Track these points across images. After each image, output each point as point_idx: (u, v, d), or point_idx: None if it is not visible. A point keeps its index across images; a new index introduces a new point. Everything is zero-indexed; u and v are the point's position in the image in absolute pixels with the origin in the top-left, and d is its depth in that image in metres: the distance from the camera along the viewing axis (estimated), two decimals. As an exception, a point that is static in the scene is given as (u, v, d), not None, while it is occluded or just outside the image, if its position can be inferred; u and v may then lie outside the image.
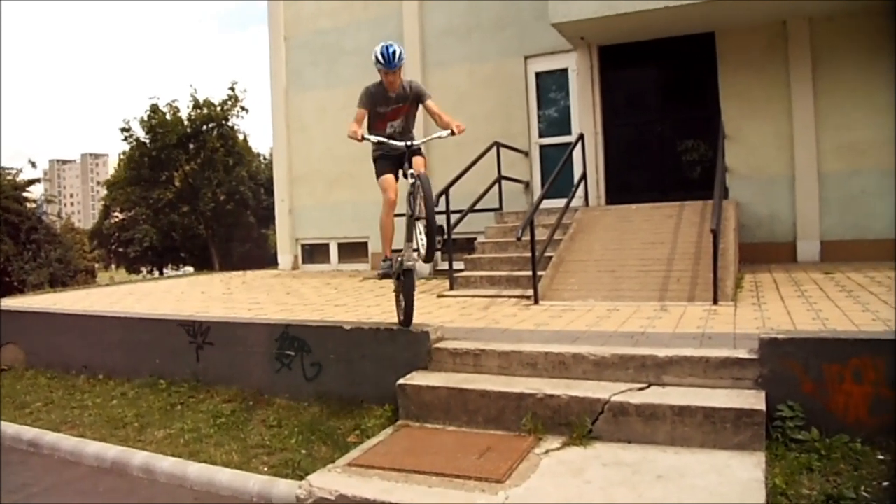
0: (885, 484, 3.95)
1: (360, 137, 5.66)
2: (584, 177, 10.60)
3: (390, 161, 5.96)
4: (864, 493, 3.82)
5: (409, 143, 5.81)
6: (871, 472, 4.08)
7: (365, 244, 13.38)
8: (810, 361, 4.46)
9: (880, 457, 4.22)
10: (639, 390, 4.66)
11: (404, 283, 5.87)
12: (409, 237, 5.87)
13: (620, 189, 10.98)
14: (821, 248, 10.02)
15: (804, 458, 4.20)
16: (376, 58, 5.68)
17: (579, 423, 4.57)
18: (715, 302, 6.77)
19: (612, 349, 4.99)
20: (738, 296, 7.15)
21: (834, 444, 4.31)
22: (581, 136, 10.61)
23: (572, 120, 11.58)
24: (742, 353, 4.67)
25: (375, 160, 6.06)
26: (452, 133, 5.80)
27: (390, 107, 5.90)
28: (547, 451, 4.47)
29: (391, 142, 5.79)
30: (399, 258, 5.96)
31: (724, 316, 6.17)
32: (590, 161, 10.94)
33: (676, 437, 4.39)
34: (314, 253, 14.29)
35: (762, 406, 4.32)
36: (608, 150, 11.18)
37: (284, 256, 14.43)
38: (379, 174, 6.02)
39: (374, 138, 5.77)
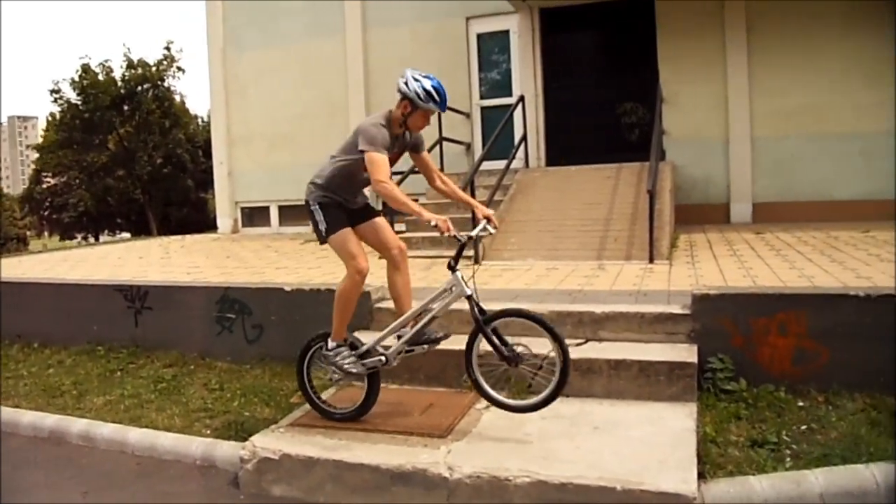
0: (804, 428, 4.19)
1: (449, 231, 4.07)
2: (524, 138, 10.69)
3: (345, 213, 4.48)
4: (785, 437, 4.05)
5: (483, 228, 4.38)
6: (792, 418, 4.32)
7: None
8: (739, 316, 4.66)
9: (801, 404, 4.47)
10: (577, 346, 4.79)
11: (371, 384, 4.49)
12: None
13: (561, 151, 11.11)
14: (753, 210, 10.35)
15: (733, 408, 4.41)
16: (427, 93, 4.27)
17: (519, 379, 4.68)
18: (651, 260, 6.96)
19: (550, 306, 5.10)
20: (674, 255, 7.36)
21: (760, 393, 4.55)
22: (522, 98, 10.66)
23: (513, 82, 11.63)
24: (676, 309, 4.84)
25: (323, 205, 4.43)
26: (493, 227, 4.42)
27: (388, 153, 4.31)
28: (488, 406, 4.55)
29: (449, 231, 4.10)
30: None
31: (659, 274, 6.35)
32: (530, 123, 11.03)
33: (613, 390, 4.54)
34: (254, 216, 14.09)
35: (694, 359, 4.50)
36: (548, 113, 11.29)
37: (224, 220, 14.22)
38: (334, 227, 4.41)
39: (471, 234, 4.35)
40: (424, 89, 4.29)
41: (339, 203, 4.46)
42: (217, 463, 4.47)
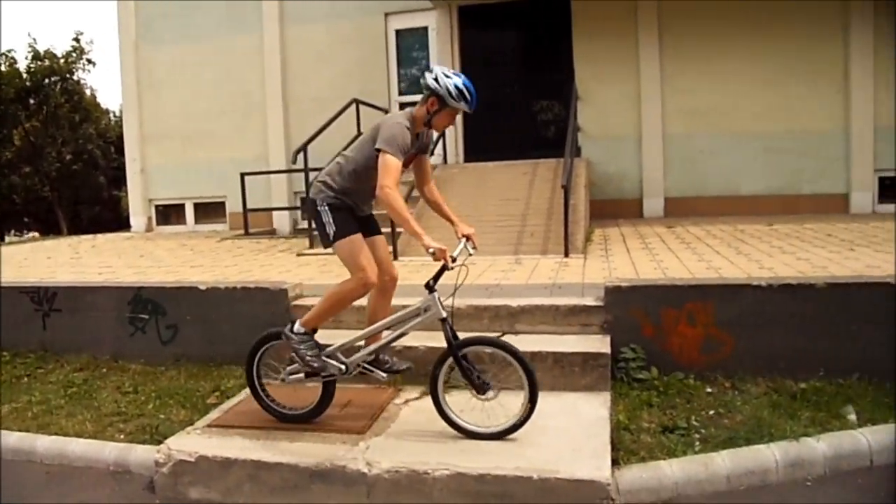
0: (712, 413, 4.39)
1: (446, 261, 4.02)
2: (442, 135, 10.74)
3: (354, 219, 4.24)
4: (694, 423, 4.23)
5: (463, 248, 4.34)
6: (701, 404, 4.52)
7: (223, 203, 13.01)
8: (650, 307, 4.82)
9: (709, 390, 4.68)
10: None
11: (327, 386, 4.30)
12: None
13: (478, 148, 11.22)
14: (665, 204, 10.69)
15: (645, 395, 4.58)
16: (459, 91, 4.08)
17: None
18: (566, 254, 7.11)
19: (467, 301, 5.14)
20: (588, 249, 7.54)
21: (670, 381, 4.73)
22: (440, 95, 10.69)
23: (432, 79, 11.64)
24: (589, 301, 4.97)
25: (333, 207, 4.16)
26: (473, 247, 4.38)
27: (405, 156, 4.11)
28: (406, 402, 4.59)
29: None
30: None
31: (574, 267, 6.49)
32: (449, 120, 11.06)
33: (530, 382, 4.63)
34: (169, 214, 13.74)
35: (608, 350, 4.64)
36: (467, 110, 11.34)
37: (137, 218, 13.78)
38: (343, 232, 4.14)
39: (454, 254, 4.16)
40: (456, 87, 4.06)
41: (350, 208, 4.21)
42: (131, 468, 4.36)
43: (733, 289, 4.86)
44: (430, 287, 4.11)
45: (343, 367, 4.20)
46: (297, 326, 4.23)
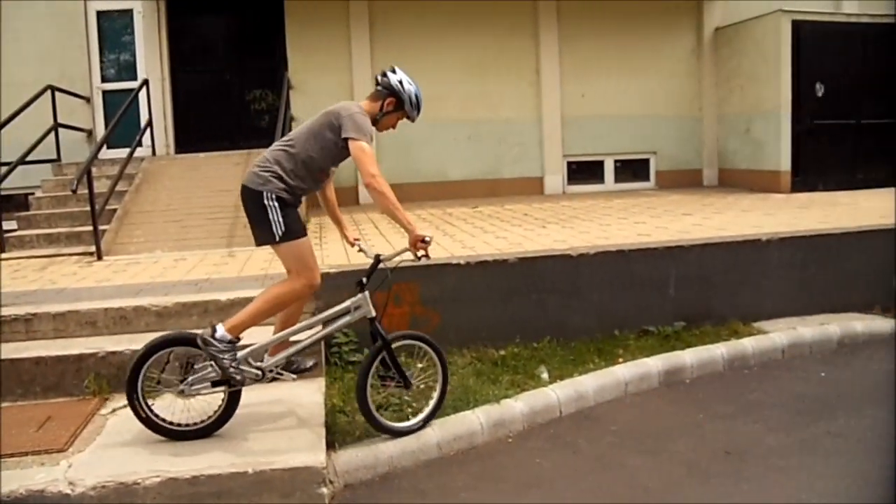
0: (423, 386, 4.57)
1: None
2: (149, 125, 10.16)
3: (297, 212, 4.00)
4: (406, 398, 4.42)
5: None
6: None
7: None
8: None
9: (420, 365, 4.88)
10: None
11: (233, 395, 3.95)
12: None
13: (190, 138, 10.77)
14: (379, 191, 11.00)
15: (358, 377, 4.69)
16: (418, 100, 4.03)
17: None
18: (282, 245, 7.07)
19: (174, 298, 4.96)
20: (305, 237, 7.57)
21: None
22: (146, 82, 10.10)
23: (138, 65, 10.91)
24: (300, 289, 4.99)
25: (283, 202, 3.85)
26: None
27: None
28: (114, 411, 4.31)
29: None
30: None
31: (289, 257, 6.48)
32: (156, 109, 10.50)
33: (247, 374, 4.55)
34: None
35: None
36: (177, 98, 10.83)
37: None
38: (294, 232, 3.90)
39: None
40: (417, 96, 4.00)
41: (296, 202, 3.90)
42: None
43: (435, 268, 5.15)
44: (361, 285, 4.02)
45: (259, 373, 3.89)
46: (220, 332, 3.76)
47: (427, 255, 3.97)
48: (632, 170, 12.49)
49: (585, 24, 11.84)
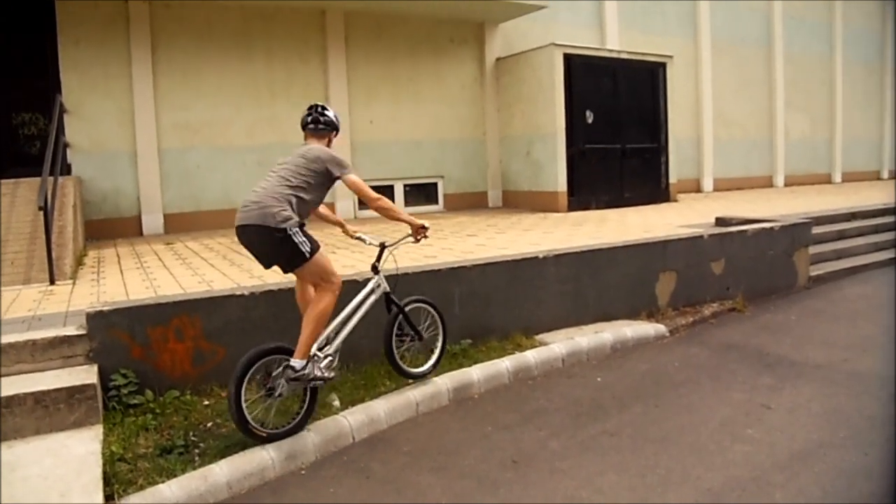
0: (210, 424, 4.46)
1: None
2: None
3: None
4: (192, 438, 4.26)
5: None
6: (199, 418, 4.57)
7: None
8: (136, 328, 4.68)
9: (206, 402, 4.75)
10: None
11: (313, 394, 4.56)
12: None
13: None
14: (164, 221, 10.55)
15: (141, 420, 4.43)
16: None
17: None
18: (52, 282, 6.53)
19: None
20: (79, 273, 7.05)
21: (166, 400, 4.67)
22: None
23: None
24: (71, 331, 4.63)
25: (301, 227, 4.35)
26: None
27: None
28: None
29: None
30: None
31: (60, 295, 6.00)
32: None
33: (8, 430, 4.14)
34: None
35: (94, 380, 4.36)
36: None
37: None
38: (316, 246, 4.37)
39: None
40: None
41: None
42: None
43: (218, 300, 4.98)
44: (375, 269, 4.87)
45: (331, 360, 4.54)
46: (297, 363, 4.24)
47: (426, 237, 4.79)
48: (423, 193, 12.88)
49: (373, 53, 12.14)
